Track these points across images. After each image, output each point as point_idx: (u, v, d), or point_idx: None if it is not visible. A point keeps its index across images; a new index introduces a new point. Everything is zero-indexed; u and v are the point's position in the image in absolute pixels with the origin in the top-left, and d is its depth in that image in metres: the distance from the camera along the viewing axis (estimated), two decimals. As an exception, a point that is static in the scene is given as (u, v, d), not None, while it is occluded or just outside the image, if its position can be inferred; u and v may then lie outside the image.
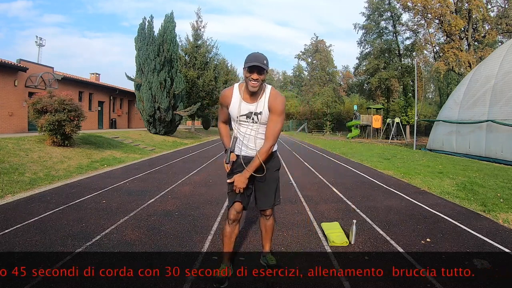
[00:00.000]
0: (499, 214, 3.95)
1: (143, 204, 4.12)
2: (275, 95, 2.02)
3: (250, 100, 2.01)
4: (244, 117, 2.04)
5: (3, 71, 11.70)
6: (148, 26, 16.16)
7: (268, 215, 2.29)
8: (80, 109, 8.43)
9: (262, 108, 2.00)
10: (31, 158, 6.77)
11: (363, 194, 5.10)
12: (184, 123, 35.35)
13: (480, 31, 24.35)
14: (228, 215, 2.13)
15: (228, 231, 2.13)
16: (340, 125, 41.67)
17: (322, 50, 46.56)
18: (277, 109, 1.98)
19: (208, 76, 23.90)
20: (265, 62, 1.89)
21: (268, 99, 2.00)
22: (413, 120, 23.02)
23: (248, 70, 1.90)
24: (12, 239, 2.82)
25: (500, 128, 10.70)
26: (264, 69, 1.90)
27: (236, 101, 2.03)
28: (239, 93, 2.04)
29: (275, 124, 1.99)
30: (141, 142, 12.95)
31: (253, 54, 1.94)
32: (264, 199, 2.20)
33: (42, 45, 24.15)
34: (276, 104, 1.99)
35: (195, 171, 7.12)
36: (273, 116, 1.99)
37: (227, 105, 2.08)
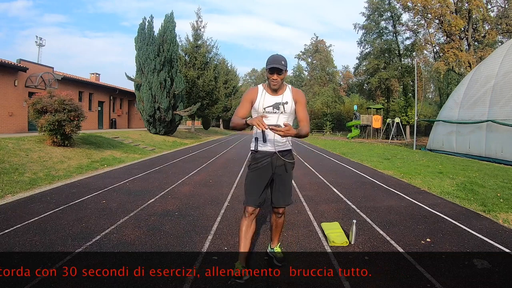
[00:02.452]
0: (499, 214, 3.95)
1: (143, 204, 4.12)
2: (296, 89, 2.35)
3: (274, 94, 2.26)
4: (271, 108, 2.24)
5: (3, 71, 11.70)
6: (148, 26, 16.15)
7: (281, 213, 2.39)
8: (80, 109, 8.42)
9: (287, 98, 2.26)
10: (31, 158, 6.77)
11: (363, 194, 5.10)
12: (184, 123, 35.36)
13: (480, 31, 24.37)
14: (245, 209, 2.26)
15: (245, 225, 2.23)
16: (340, 125, 41.68)
17: (322, 50, 46.59)
18: (302, 100, 2.31)
19: (208, 76, 23.90)
20: (283, 63, 2.13)
21: (291, 92, 2.28)
22: (413, 120, 23.02)
23: (269, 72, 2.15)
24: (12, 239, 2.82)
25: (500, 128, 10.70)
26: (283, 70, 2.14)
27: (262, 95, 2.27)
28: (263, 89, 2.29)
29: (304, 111, 2.29)
30: (141, 142, 12.95)
31: (273, 56, 2.17)
32: (281, 197, 2.32)
33: (42, 45, 24.24)
34: (300, 95, 2.32)
35: (195, 171, 7.12)
36: (300, 106, 2.29)
37: (252, 100, 2.27)
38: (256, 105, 2.26)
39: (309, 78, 48.32)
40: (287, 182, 2.33)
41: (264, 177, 2.26)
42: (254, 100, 2.26)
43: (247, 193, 2.28)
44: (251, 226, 2.25)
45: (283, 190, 2.31)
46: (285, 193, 2.32)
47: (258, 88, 2.31)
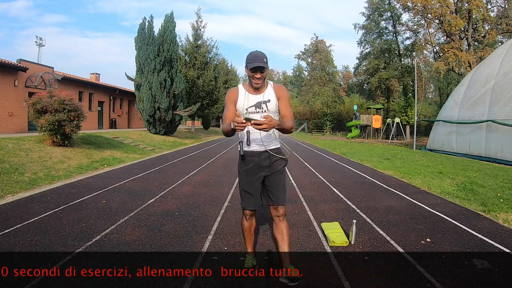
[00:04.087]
0: (499, 214, 3.95)
1: (143, 204, 4.12)
2: (278, 85, 2.26)
3: (256, 93, 2.18)
4: (253, 108, 2.17)
5: (3, 71, 11.70)
6: (148, 26, 16.15)
7: (281, 214, 2.21)
8: (80, 109, 8.43)
9: (269, 96, 2.17)
10: (31, 158, 6.77)
11: (363, 194, 5.10)
12: (184, 123, 35.36)
13: (480, 31, 24.35)
14: (243, 212, 2.28)
15: (247, 225, 2.29)
16: (340, 125, 41.65)
17: (322, 50, 46.55)
18: (285, 95, 2.21)
19: (208, 76, 23.90)
20: (265, 60, 2.04)
21: (274, 89, 2.20)
22: (413, 120, 23.01)
23: (251, 70, 2.05)
24: (12, 239, 2.82)
25: (500, 128, 10.70)
26: (265, 67, 2.05)
27: (243, 95, 2.19)
28: (244, 89, 2.21)
29: (287, 107, 2.19)
30: (141, 142, 12.95)
31: (253, 53, 2.07)
32: (277, 194, 2.19)
33: (42, 45, 24.26)
34: (283, 91, 2.22)
35: (195, 171, 7.12)
36: (283, 102, 2.19)
37: (235, 100, 2.20)
38: (238, 106, 2.18)
39: (309, 78, 48.25)
40: (277, 180, 2.20)
41: (254, 178, 2.18)
42: (236, 99, 2.18)
43: (242, 196, 2.25)
44: (253, 223, 2.32)
45: (276, 188, 2.20)
46: (281, 189, 2.21)
47: (238, 88, 2.22)
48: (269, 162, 2.19)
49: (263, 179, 2.22)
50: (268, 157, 2.19)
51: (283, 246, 2.17)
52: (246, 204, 2.22)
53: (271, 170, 2.19)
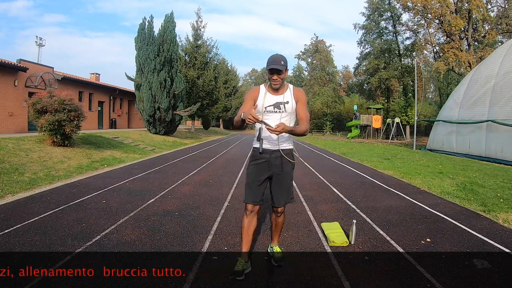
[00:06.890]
0: (499, 214, 3.95)
1: (143, 204, 4.11)
2: (298, 89, 2.38)
3: (275, 93, 2.29)
4: (272, 107, 2.27)
5: (3, 71, 11.70)
6: (148, 26, 16.15)
7: (280, 212, 2.40)
8: (80, 109, 8.42)
9: (288, 98, 2.28)
10: (31, 158, 6.76)
11: (363, 194, 5.10)
12: (184, 123, 35.34)
13: (480, 31, 24.36)
14: (245, 207, 2.30)
15: (246, 223, 2.28)
16: (340, 125, 41.67)
17: (322, 50, 46.60)
18: (303, 99, 2.33)
19: (208, 76, 23.89)
20: (282, 63, 2.17)
21: (293, 92, 2.31)
22: (413, 120, 23.01)
23: (269, 72, 2.19)
24: (12, 239, 2.82)
25: (500, 128, 10.70)
26: (282, 70, 2.17)
27: (263, 94, 2.31)
28: (265, 88, 2.33)
29: (304, 110, 2.31)
30: (141, 142, 12.95)
31: (272, 56, 2.20)
32: (280, 197, 2.33)
33: (42, 45, 24.22)
34: (301, 95, 2.34)
35: (195, 171, 7.12)
36: (301, 105, 2.31)
37: (254, 98, 2.30)
38: (259, 102, 2.29)
39: (309, 78, 48.31)
40: (284, 181, 2.32)
41: (261, 174, 2.28)
42: (256, 99, 2.29)
43: (246, 189, 2.32)
44: (253, 222, 2.29)
45: (280, 189, 2.32)
46: (282, 192, 2.32)
47: (260, 88, 2.35)
48: (280, 162, 2.28)
49: (271, 177, 2.31)
50: (280, 157, 2.28)
51: (275, 232, 2.54)
52: (247, 198, 2.27)
53: (280, 170, 2.29)
